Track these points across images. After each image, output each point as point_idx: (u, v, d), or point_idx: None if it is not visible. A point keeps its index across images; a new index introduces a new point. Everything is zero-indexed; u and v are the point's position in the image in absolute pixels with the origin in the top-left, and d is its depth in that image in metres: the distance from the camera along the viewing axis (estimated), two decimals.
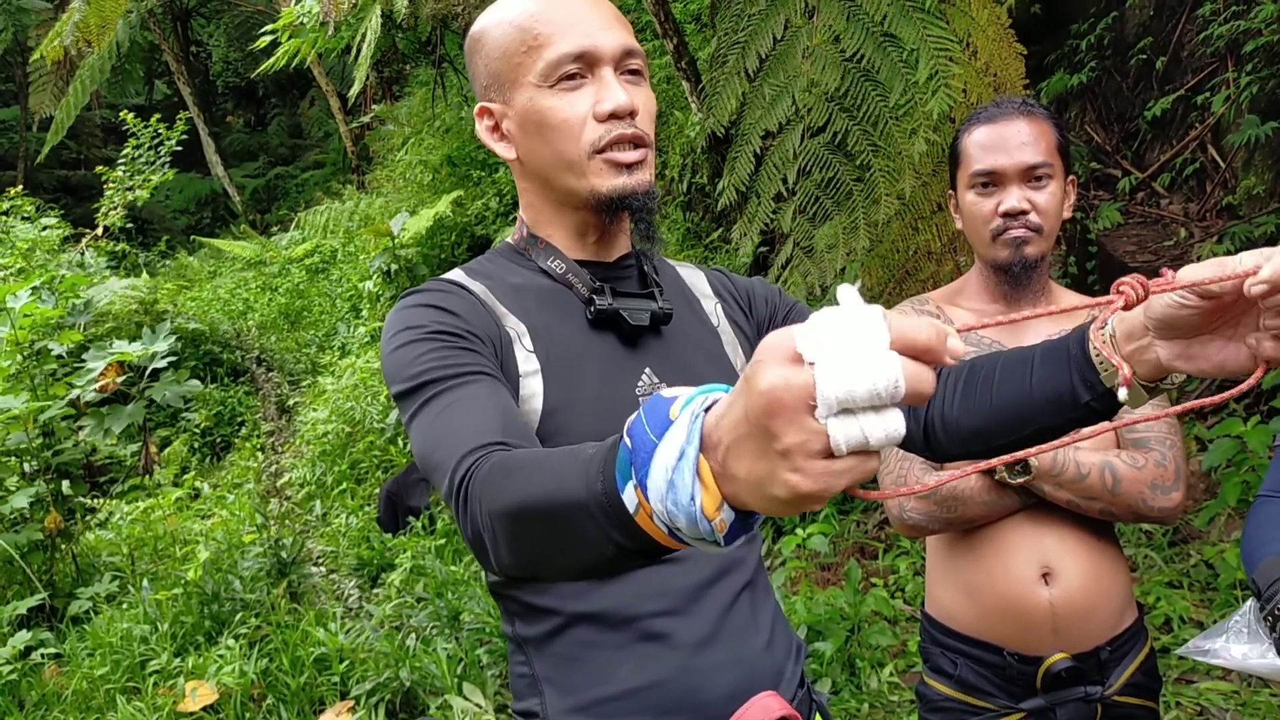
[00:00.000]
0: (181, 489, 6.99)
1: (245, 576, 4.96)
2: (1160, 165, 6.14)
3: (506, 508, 0.89)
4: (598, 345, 1.27)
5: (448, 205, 9.02)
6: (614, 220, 1.29)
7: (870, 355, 0.60)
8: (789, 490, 0.63)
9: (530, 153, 1.27)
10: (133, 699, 4.18)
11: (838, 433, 0.61)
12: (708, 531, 0.69)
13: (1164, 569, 3.92)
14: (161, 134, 10.19)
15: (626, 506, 0.74)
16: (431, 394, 1.11)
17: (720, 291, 1.46)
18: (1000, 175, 1.75)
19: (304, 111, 22.75)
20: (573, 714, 1.21)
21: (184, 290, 12.28)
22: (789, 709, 1.23)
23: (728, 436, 0.66)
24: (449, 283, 1.28)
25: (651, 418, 0.72)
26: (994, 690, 1.76)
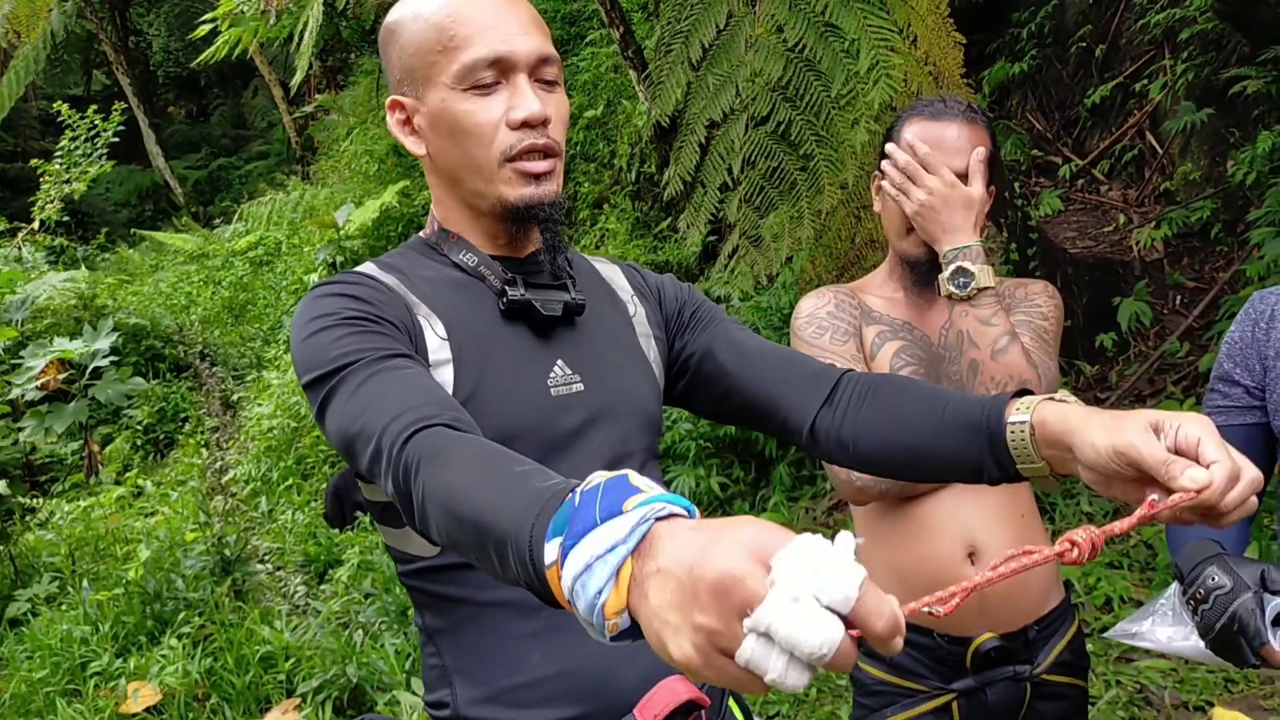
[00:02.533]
0: (124, 487, 6.88)
1: (188, 575, 4.89)
2: (1100, 152, 6.22)
3: (441, 494, 0.91)
4: (510, 336, 1.27)
5: (394, 196, 8.94)
6: (520, 229, 1.29)
7: (822, 618, 0.61)
8: (679, 654, 0.66)
9: (441, 152, 1.27)
10: (73, 701, 4.11)
11: (748, 650, 0.63)
12: (599, 625, 0.71)
13: (1104, 550, 3.98)
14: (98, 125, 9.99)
15: (545, 556, 0.76)
16: (347, 374, 1.09)
17: (636, 286, 1.47)
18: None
19: (247, 101, 22.42)
20: (483, 704, 1.20)
21: (125, 285, 12.05)
22: (695, 692, 1.21)
23: (665, 563, 0.68)
24: (360, 274, 1.27)
25: (607, 498, 0.73)
26: (925, 672, 1.77)
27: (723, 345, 1.42)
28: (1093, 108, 6.20)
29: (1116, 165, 6.12)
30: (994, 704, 1.74)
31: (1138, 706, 3.26)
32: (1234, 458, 0.97)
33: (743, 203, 4.18)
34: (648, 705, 1.18)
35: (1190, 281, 5.10)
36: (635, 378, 1.36)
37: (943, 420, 1.21)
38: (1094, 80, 6.29)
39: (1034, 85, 6.75)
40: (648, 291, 1.48)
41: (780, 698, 3.67)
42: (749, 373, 1.39)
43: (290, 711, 3.90)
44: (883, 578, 1.80)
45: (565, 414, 1.26)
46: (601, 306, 1.39)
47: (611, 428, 1.29)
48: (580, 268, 1.42)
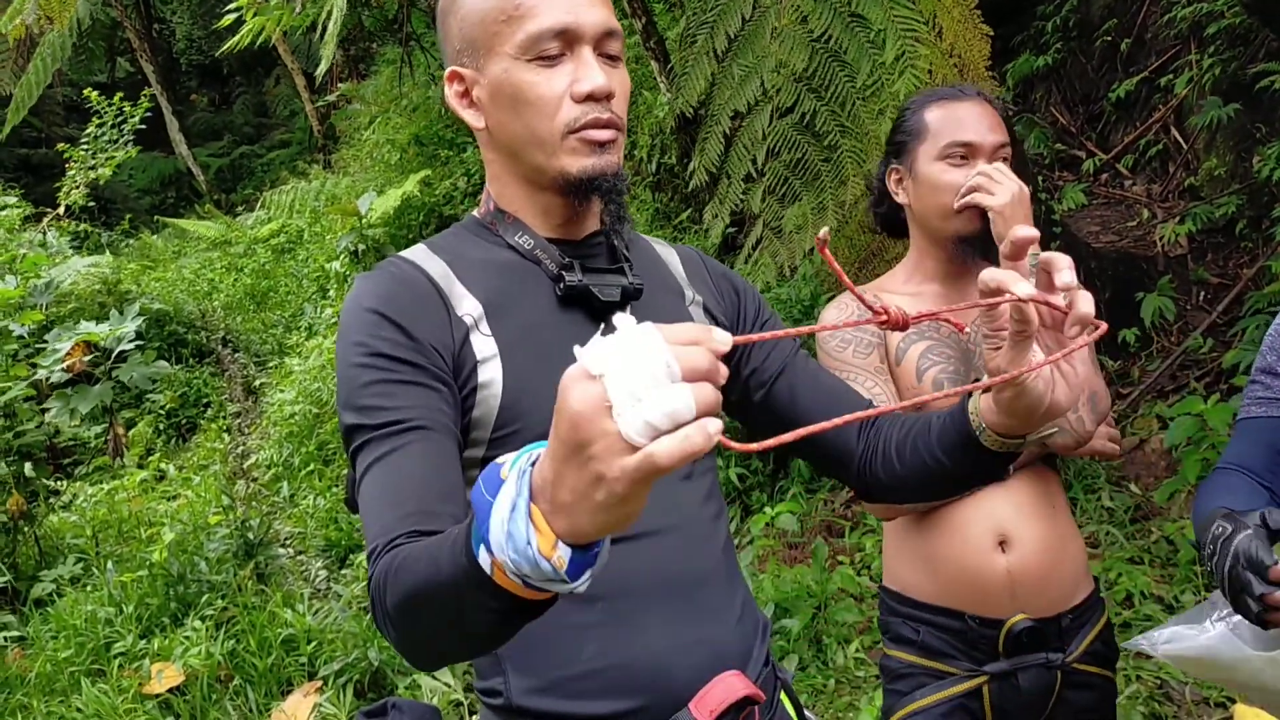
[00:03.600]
0: (147, 471, 6.94)
1: (211, 558, 4.94)
2: (1124, 147, 6.19)
3: (397, 606, 0.95)
4: (565, 323, 1.25)
5: (415, 185, 8.95)
6: (582, 203, 1.26)
7: (643, 352, 0.67)
8: (605, 491, 0.70)
9: (500, 125, 1.24)
10: (97, 681, 4.16)
11: (625, 426, 0.68)
12: (550, 571, 0.75)
13: (1125, 545, 3.97)
14: (125, 111, 10.05)
15: (484, 569, 0.80)
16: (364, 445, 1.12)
17: (693, 271, 1.43)
18: (976, 148, 1.77)
19: (269, 90, 22.49)
20: (536, 694, 1.20)
21: (148, 270, 12.14)
22: (752, 688, 1.22)
23: (550, 473, 0.73)
24: (405, 264, 1.25)
25: (486, 482, 0.79)
26: (957, 654, 1.78)
27: (779, 364, 1.39)
28: (1117, 102, 6.16)
29: (1141, 160, 6.08)
30: (1025, 689, 1.75)
31: (1158, 702, 3.26)
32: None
33: (767, 194, 4.19)
34: (704, 700, 1.19)
35: (1214, 277, 5.07)
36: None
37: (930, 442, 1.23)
38: (1119, 74, 6.25)
39: (1058, 79, 6.71)
40: (710, 282, 1.44)
41: (797, 688, 3.68)
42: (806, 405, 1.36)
43: (312, 694, 3.94)
44: (914, 568, 1.83)
45: None
46: (659, 291, 1.35)
47: None
48: (638, 249, 1.39)
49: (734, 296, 1.45)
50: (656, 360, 0.67)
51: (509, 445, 1.17)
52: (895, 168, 1.88)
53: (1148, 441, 4.45)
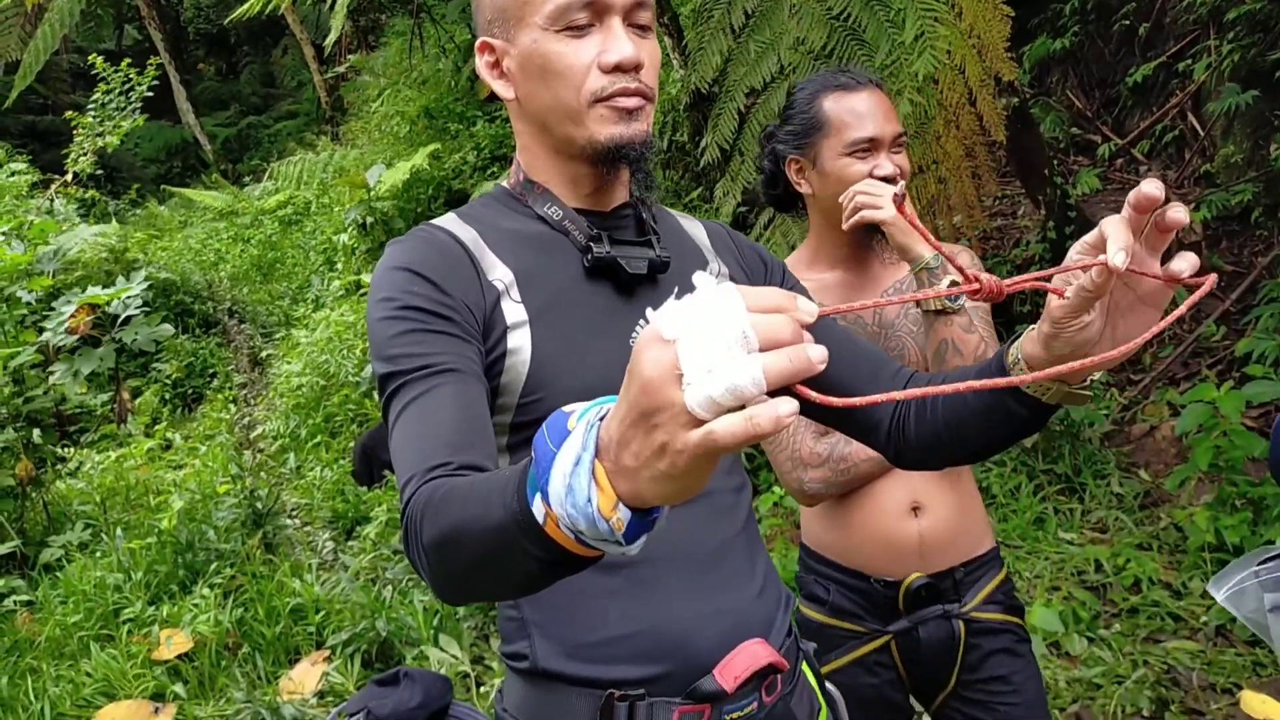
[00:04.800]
0: (153, 439, 6.95)
1: (220, 526, 4.95)
2: (1140, 132, 6.16)
3: (436, 539, 0.93)
4: (593, 294, 1.26)
5: (424, 158, 8.92)
6: (610, 171, 1.27)
7: (720, 320, 0.64)
8: (669, 463, 0.68)
9: (530, 95, 1.25)
10: (106, 646, 4.18)
11: (690, 399, 0.64)
12: (606, 531, 0.73)
13: (1134, 531, 3.98)
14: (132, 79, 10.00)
15: (536, 518, 0.77)
16: (397, 390, 1.12)
17: (720, 245, 1.44)
18: (878, 141, 1.83)
19: (277, 60, 22.39)
20: (560, 659, 1.21)
21: (154, 240, 12.12)
22: (776, 656, 1.24)
23: (616, 434, 0.71)
24: (437, 230, 1.26)
25: (551, 431, 0.76)
26: (863, 614, 1.89)
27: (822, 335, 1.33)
28: (1134, 87, 6.13)
29: (1156, 146, 6.06)
30: (927, 641, 1.86)
31: (1165, 687, 3.27)
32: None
33: None
34: (728, 667, 1.20)
35: (1228, 265, 5.05)
36: None
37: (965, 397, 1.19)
38: (1136, 59, 6.22)
39: (1075, 62, 6.68)
40: (738, 255, 1.45)
41: None
42: (837, 372, 1.32)
43: (320, 663, 3.95)
44: (830, 528, 1.94)
45: None
46: (687, 265, 1.35)
47: None
48: (665, 223, 1.39)
49: (761, 269, 1.46)
50: (733, 328, 0.64)
51: (533, 414, 1.19)
52: (795, 158, 1.92)
53: (1158, 428, 4.45)
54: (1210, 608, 3.52)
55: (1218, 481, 3.91)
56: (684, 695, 1.19)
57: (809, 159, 1.89)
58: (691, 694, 1.19)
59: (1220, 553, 3.66)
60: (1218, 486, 3.88)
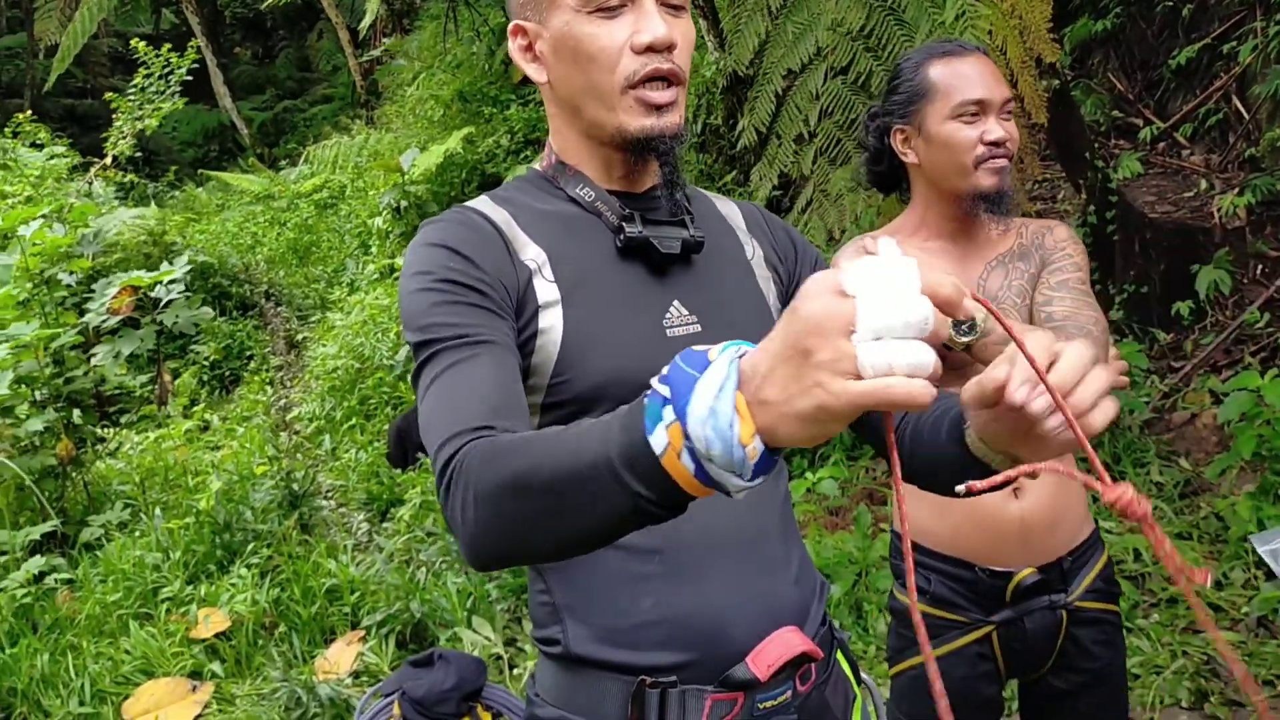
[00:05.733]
0: (191, 421, 7.02)
1: (257, 508, 4.99)
2: (1183, 115, 6.06)
3: (498, 485, 0.91)
4: (625, 275, 1.25)
5: (458, 142, 8.93)
6: (639, 160, 1.26)
7: (906, 293, 0.69)
8: (816, 403, 0.71)
9: (562, 78, 1.24)
10: (145, 624, 4.23)
11: (865, 356, 0.69)
12: (740, 460, 0.74)
13: (1174, 520, 3.93)
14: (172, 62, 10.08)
15: (654, 448, 0.78)
16: (432, 357, 1.11)
17: (754, 227, 1.42)
18: (987, 105, 1.79)
19: (312, 44, 22.47)
20: (593, 643, 1.20)
21: (192, 223, 12.22)
22: (810, 645, 1.22)
23: (763, 367, 0.74)
24: (470, 211, 1.26)
25: (689, 360, 0.78)
26: (966, 604, 1.85)
27: None
28: (1177, 69, 6.02)
29: (1200, 129, 5.95)
30: (1032, 633, 1.83)
31: (1204, 678, 3.23)
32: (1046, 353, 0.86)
33: (818, 155, 4.13)
34: (761, 655, 1.18)
35: (1272, 251, 4.96)
36: (755, 319, 1.32)
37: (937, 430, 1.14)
38: (1180, 40, 6.11)
39: (1117, 44, 6.57)
40: (770, 236, 1.43)
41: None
42: None
43: (355, 643, 3.99)
44: (927, 514, 1.88)
45: None
46: (720, 245, 1.35)
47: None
48: (699, 204, 1.38)
49: (792, 252, 1.44)
50: (919, 311, 0.69)
51: (564, 393, 1.19)
52: (901, 128, 1.88)
53: (1199, 416, 4.38)
54: (1252, 598, 3.48)
55: (1260, 470, 3.85)
56: (716, 683, 1.18)
57: (915, 127, 1.85)
58: (724, 682, 1.18)
59: None
60: (1260, 476, 3.82)
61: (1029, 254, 1.88)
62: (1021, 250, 1.89)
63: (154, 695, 3.79)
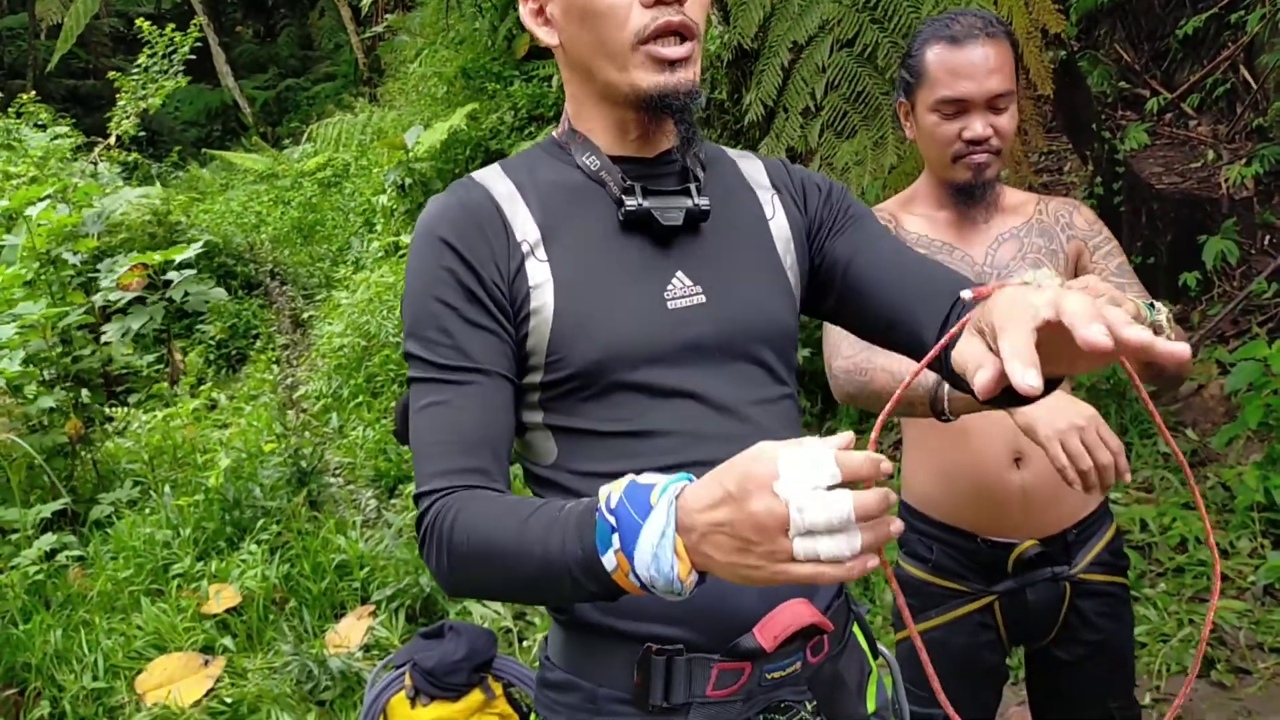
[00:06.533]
0: (199, 400, 7.04)
1: (266, 484, 5.01)
2: (1190, 85, 6.03)
3: (468, 557, 1.07)
4: (626, 247, 1.23)
5: (462, 119, 8.90)
6: (654, 119, 1.23)
7: (827, 499, 0.83)
8: (757, 577, 0.89)
9: (573, 39, 1.22)
10: (157, 600, 4.25)
11: (799, 549, 0.85)
12: (679, 589, 0.93)
13: (1180, 490, 3.93)
14: (175, 41, 10.05)
15: (605, 567, 0.95)
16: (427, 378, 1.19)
17: (779, 184, 1.38)
18: (968, 104, 1.76)
19: (314, 22, 22.37)
20: (599, 612, 1.20)
21: (196, 202, 12.21)
22: (819, 616, 1.21)
23: (703, 528, 0.89)
24: (474, 187, 1.25)
25: (634, 502, 0.93)
26: (968, 574, 1.86)
27: (864, 256, 1.32)
28: (1184, 39, 5.99)
29: (1207, 99, 5.93)
30: (1034, 604, 1.84)
31: (1211, 646, 3.24)
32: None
33: (825, 128, 4.12)
34: (768, 625, 1.17)
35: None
36: (767, 288, 1.29)
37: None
38: (1187, 10, 6.07)
39: (1123, 15, 6.53)
40: (791, 189, 1.38)
41: None
42: (885, 291, 1.29)
43: (365, 617, 4.01)
44: (931, 481, 1.89)
45: (684, 327, 1.21)
46: (735, 210, 1.32)
47: (736, 341, 1.24)
48: (718, 164, 1.35)
49: (816, 195, 1.39)
50: (841, 511, 0.83)
51: (561, 370, 1.19)
52: (902, 102, 1.89)
53: (1206, 386, 4.38)
54: (1259, 567, 3.49)
55: (1267, 440, 3.85)
56: (723, 652, 1.18)
57: (911, 105, 1.85)
58: (730, 651, 1.18)
59: (1269, 512, 3.62)
60: (1267, 445, 3.82)
61: (1050, 232, 1.87)
62: (1041, 227, 1.87)
63: (166, 670, 3.81)
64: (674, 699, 1.17)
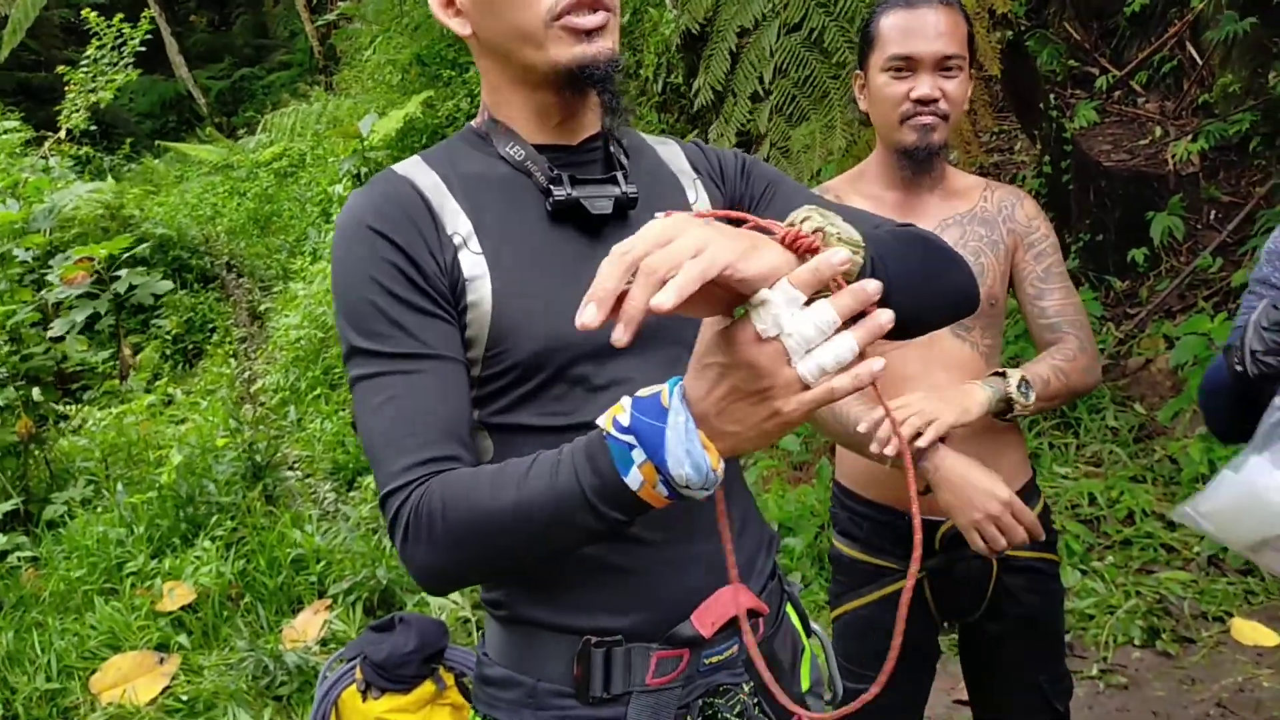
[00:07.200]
0: (154, 395, 6.97)
1: (220, 480, 4.97)
2: (1138, 62, 6.07)
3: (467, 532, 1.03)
4: (557, 238, 1.21)
5: (417, 106, 8.84)
6: (578, 97, 1.21)
7: (807, 312, 0.84)
8: (780, 421, 0.89)
9: (485, 27, 1.19)
10: (111, 599, 4.22)
11: (805, 370, 0.85)
12: (712, 480, 0.91)
13: (1128, 464, 3.99)
14: (124, 33, 9.90)
15: (631, 486, 0.93)
16: (376, 372, 1.12)
17: (699, 167, 1.37)
18: (916, 61, 1.77)
19: (269, 10, 22.12)
20: (536, 606, 1.20)
21: (150, 195, 12.06)
22: (756, 601, 1.22)
23: (714, 408, 0.90)
24: (398, 179, 1.22)
25: (645, 411, 0.92)
26: (896, 551, 1.88)
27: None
28: (1132, 16, 6.02)
29: (1155, 76, 5.97)
30: (962, 580, 1.87)
31: (1157, 616, 3.29)
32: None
33: (774, 113, 4.13)
34: (705, 612, 1.18)
35: (1225, 196, 5.01)
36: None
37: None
38: None
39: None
40: (712, 170, 1.37)
41: None
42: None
43: (322, 611, 4.00)
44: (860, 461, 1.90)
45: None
46: (659, 196, 1.30)
47: (670, 328, 1.21)
48: (639, 151, 1.33)
49: (734, 170, 1.39)
50: (826, 316, 0.83)
51: (500, 364, 1.17)
52: (858, 74, 1.89)
53: (1153, 361, 4.44)
54: (1203, 538, 3.54)
55: None
56: (661, 640, 1.18)
57: (866, 74, 1.86)
58: (669, 639, 1.18)
59: None
60: None
61: (992, 222, 1.88)
62: (984, 216, 1.88)
63: (121, 669, 3.78)
64: (614, 689, 1.18)
